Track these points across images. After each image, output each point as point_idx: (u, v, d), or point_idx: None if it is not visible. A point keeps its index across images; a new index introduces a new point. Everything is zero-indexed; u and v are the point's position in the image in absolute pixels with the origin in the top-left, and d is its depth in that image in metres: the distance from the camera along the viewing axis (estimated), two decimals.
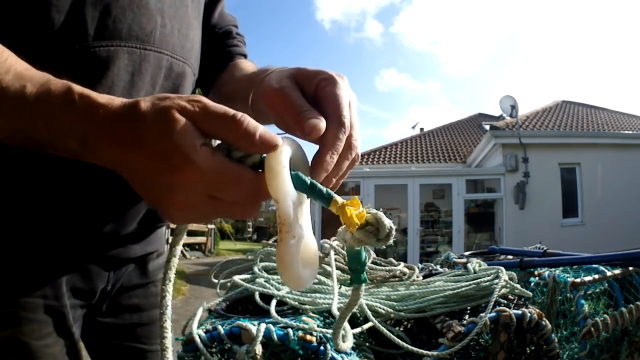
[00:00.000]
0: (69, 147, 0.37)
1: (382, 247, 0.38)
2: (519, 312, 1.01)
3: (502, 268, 1.20)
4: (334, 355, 0.89)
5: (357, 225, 0.37)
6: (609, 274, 1.31)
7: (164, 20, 0.57)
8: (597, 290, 1.36)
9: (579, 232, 8.84)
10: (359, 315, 1.08)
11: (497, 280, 1.13)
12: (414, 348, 0.97)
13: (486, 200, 10.26)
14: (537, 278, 1.45)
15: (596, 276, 1.28)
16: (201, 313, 1.05)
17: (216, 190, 0.34)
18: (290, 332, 0.90)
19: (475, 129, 14.59)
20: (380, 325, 0.99)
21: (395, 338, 0.97)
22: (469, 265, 1.35)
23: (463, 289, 1.13)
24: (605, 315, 1.16)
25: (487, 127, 11.26)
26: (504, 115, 10.92)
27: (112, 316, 0.68)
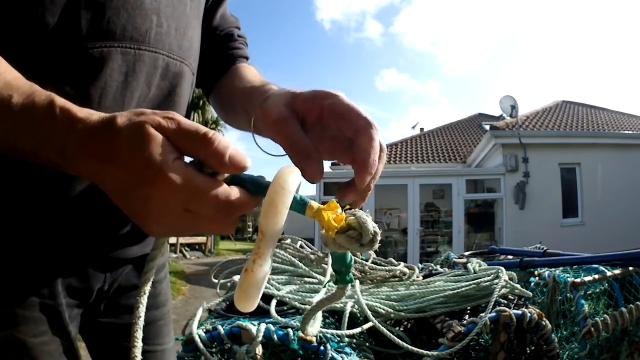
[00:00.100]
0: (50, 159, 0.38)
1: (369, 252, 0.37)
2: (519, 312, 1.01)
3: (502, 268, 1.20)
4: (334, 355, 0.89)
5: (336, 228, 0.35)
6: (609, 274, 1.31)
7: (160, 19, 0.57)
8: (597, 290, 1.37)
9: (579, 232, 8.84)
10: (359, 315, 1.08)
11: (497, 280, 1.13)
12: (414, 348, 0.97)
13: (486, 200, 10.26)
14: (537, 278, 1.46)
15: (596, 276, 1.28)
16: (201, 313, 1.05)
17: (188, 203, 0.34)
18: (290, 332, 0.90)
19: (475, 129, 14.59)
20: (380, 325, 0.99)
21: (395, 338, 0.97)
22: (469, 265, 1.35)
23: (463, 289, 1.14)
24: (605, 315, 1.16)
25: (487, 127, 11.25)
26: (504, 115, 10.92)
27: (111, 316, 0.68)
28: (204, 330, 0.94)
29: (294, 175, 0.35)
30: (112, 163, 0.34)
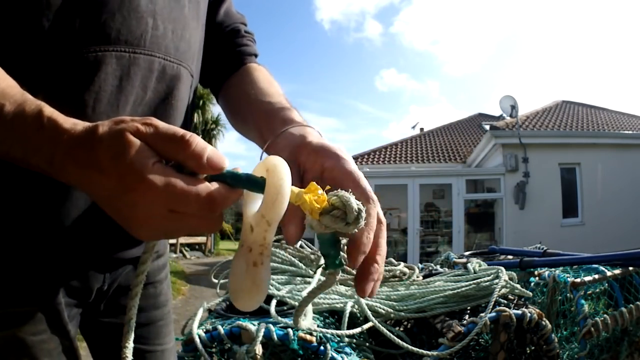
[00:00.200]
0: (40, 166, 0.39)
1: (354, 231, 0.36)
2: (519, 312, 1.01)
3: (502, 268, 1.20)
4: (334, 355, 0.89)
5: (320, 210, 0.36)
6: (609, 274, 1.31)
7: (156, 22, 0.56)
8: (597, 290, 1.36)
9: (579, 232, 8.84)
10: (359, 315, 1.08)
11: (497, 280, 1.13)
12: (414, 348, 0.97)
13: (486, 200, 10.26)
14: (537, 278, 1.45)
15: (596, 276, 1.28)
16: (201, 313, 1.05)
17: (172, 204, 0.35)
18: (290, 332, 0.90)
19: (475, 129, 14.58)
20: (380, 325, 1.00)
21: (395, 338, 0.98)
22: (469, 265, 1.35)
23: (463, 289, 1.14)
24: (605, 315, 1.16)
25: (487, 127, 11.25)
26: (504, 115, 10.92)
27: (111, 316, 0.68)
28: (204, 330, 0.94)
29: (286, 165, 0.36)
30: (96, 171, 0.35)
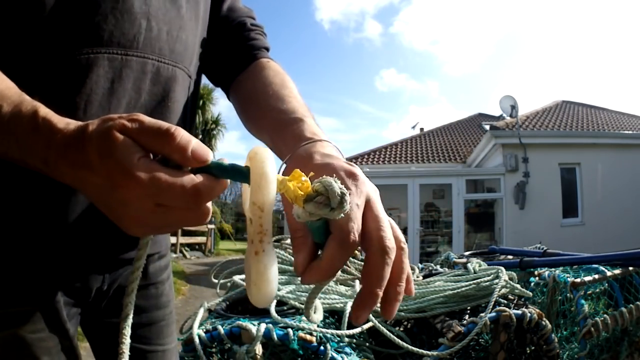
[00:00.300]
0: (37, 166, 0.40)
1: (340, 216, 0.35)
2: (519, 312, 1.02)
3: (502, 268, 1.20)
4: (334, 355, 0.89)
5: (303, 197, 0.35)
6: (609, 274, 1.31)
7: (150, 23, 0.56)
8: (597, 290, 1.37)
9: (579, 232, 8.83)
10: None
11: (497, 280, 1.13)
12: (414, 348, 0.97)
13: (486, 200, 10.26)
14: (537, 278, 1.46)
15: (596, 276, 1.28)
16: (201, 313, 1.05)
17: (158, 197, 0.35)
18: (290, 332, 0.90)
19: (475, 129, 14.59)
20: (380, 325, 1.00)
21: (395, 338, 0.98)
22: (469, 265, 1.35)
23: (463, 289, 1.14)
24: (605, 315, 1.16)
25: (487, 127, 11.25)
26: (504, 115, 10.91)
27: (112, 316, 0.68)
28: (204, 330, 0.94)
29: (269, 150, 0.36)
30: (87, 171, 0.36)
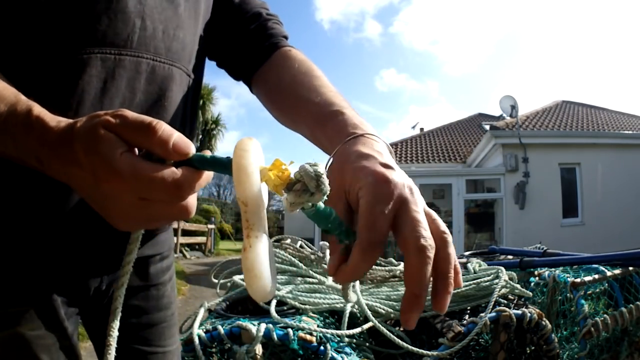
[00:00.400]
0: (32, 164, 0.40)
1: (322, 200, 0.35)
2: (519, 312, 1.02)
3: (502, 268, 1.20)
4: (334, 355, 0.89)
5: (283, 187, 0.34)
6: (609, 274, 1.31)
7: (145, 22, 0.56)
8: (597, 290, 1.37)
9: (579, 232, 8.84)
10: (359, 315, 1.08)
11: (497, 280, 1.13)
12: (414, 348, 0.97)
13: (486, 200, 10.26)
14: (537, 278, 1.46)
15: (596, 276, 1.28)
16: (202, 313, 1.05)
17: (140, 191, 0.36)
18: (290, 332, 0.90)
19: (475, 129, 14.59)
20: (380, 325, 1.00)
21: (395, 338, 0.98)
22: (469, 265, 1.35)
23: (463, 289, 1.14)
24: (605, 315, 1.16)
25: (487, 127, 11.25)
26: (504, 115, 10.92)
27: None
28: (204, 330, 0.94)
29: (253, 141, 0.36)
30: (75, 167, 0.37)
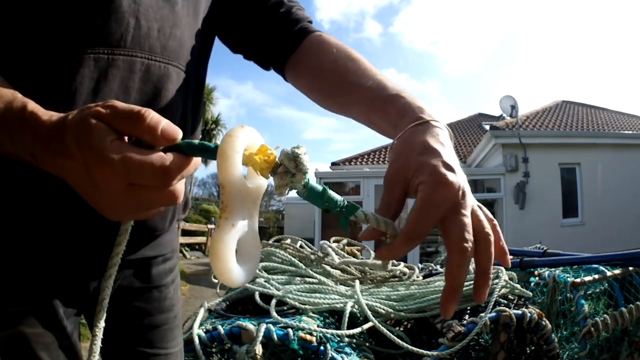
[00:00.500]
0: (27, 160, 0.41)
1: (306, 180, 0.35)
2: (519, 312, 1.02)
3: (502, 268, 1.20)
4: (334, 355, 0.89)
5: (268, 171, 0.35)
6: (609, 274, 1.31)
7: (139, 22, 0.56)
8: (597, 290, 1.36)
9: (579, 232, 8.83)
10: (359, 315, 1.08)
11: (497, 280, 1.13)
12: (414, 348, 0.97)
13: (486, 200, 10.25)
14: (537, 278, 1.45)
15: (596, 276, 1.28)
16: (202, 313, 1.05)
17: (129, 176, 0.36)
18: (290, 332, 0.90)
19: (475, 129, 14.58)
20: (380, 325, 1.00)
21: (395, 338, 0.98)
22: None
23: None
24: (605, 315, 1.16)
25: (487, 127, 11.25)
26: (504, 115, 10.91)
27: (113, 316, 0.68)
28: (204, 330, 0.94)
29: (244, 129, 0.37)
30: (67, 159, 0.37)
